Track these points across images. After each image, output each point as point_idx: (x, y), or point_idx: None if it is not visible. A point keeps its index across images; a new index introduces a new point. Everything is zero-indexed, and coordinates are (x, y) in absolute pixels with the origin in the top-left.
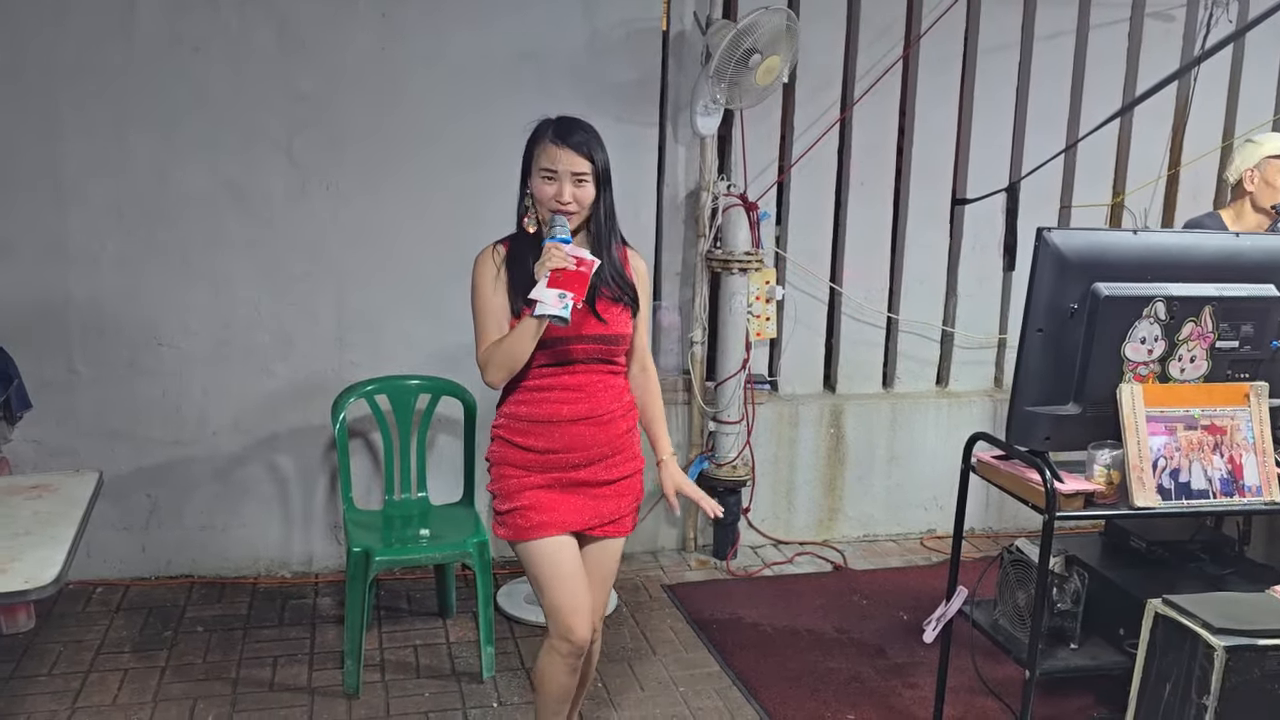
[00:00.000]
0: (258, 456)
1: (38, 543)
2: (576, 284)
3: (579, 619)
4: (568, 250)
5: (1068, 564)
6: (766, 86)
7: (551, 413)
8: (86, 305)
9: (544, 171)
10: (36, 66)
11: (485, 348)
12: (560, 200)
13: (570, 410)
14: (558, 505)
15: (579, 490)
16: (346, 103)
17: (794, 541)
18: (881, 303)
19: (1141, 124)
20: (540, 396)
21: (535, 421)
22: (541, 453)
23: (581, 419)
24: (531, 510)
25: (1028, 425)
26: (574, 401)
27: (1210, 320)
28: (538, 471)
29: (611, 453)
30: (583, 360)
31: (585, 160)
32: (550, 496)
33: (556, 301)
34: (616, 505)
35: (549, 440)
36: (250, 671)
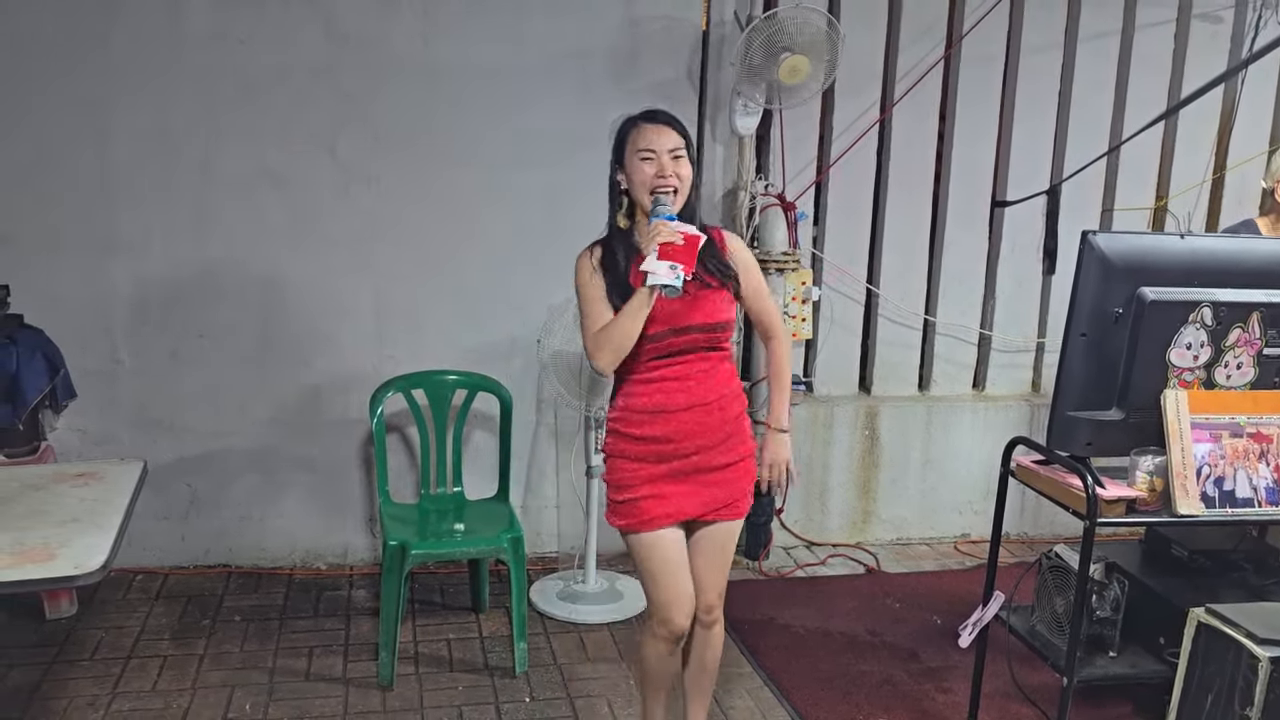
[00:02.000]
0: (296, 449)
1: (85, 529)
2: (685, 256)
3: (677, 610)
4: (674, 226)
5: (1108, 571)
6: (795, 85)
7: (663, 402)
8: (131, 296)
9: (641, 153)
10: (86, 60)
11: (593, 333)
12: (662, 175)
13: (681, 398)
14: (672, 495)
15: (693, 478)
16: (389, 100)
17: (827, 543)
18: (918, 304)
19: (1186, 127)
20: (650, 388)
21: (647, 412)
22: (656, 442)
23: (693, 406)
24: (647, 501)
25: (1069, 430)
26: (684, 390)
27: (1258, 327)
28: (652, 462)
29: (723, 438)
30: (688, 350)
31: (679, 135)
32: (665, 487)
33: (668, 273)
34: (730, 490)
35: (662, 429)
36: (286, 661)
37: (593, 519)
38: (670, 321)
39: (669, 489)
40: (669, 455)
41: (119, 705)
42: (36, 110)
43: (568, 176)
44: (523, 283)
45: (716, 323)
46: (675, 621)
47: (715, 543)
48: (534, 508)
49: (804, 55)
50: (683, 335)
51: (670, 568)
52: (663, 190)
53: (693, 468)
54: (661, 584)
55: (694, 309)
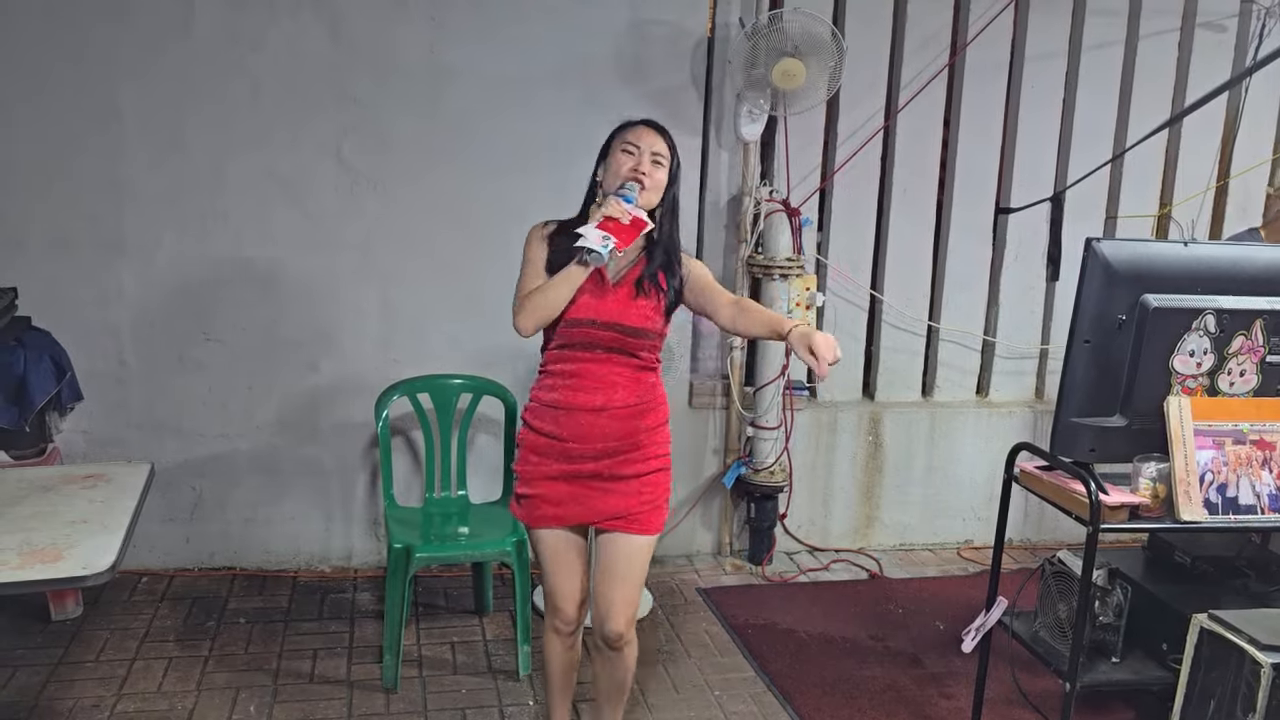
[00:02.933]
0: (301, 452)
1: (93, 530)
2: (623, 234)
3: (565, 600)
4: (627, 207)
5: (1111, 577)
6: (794, 90)
7: (566, 399)
8: (138, 299)
9: (625, 145)
10: (97, 63)
11: (522, 294)
12: (639, 169)
13: (585, 399)
14: (566, 498)
15: (589, 483)
16: (395, 105)
17: (830, 548)
18: (922, 310)
19: (1190, 135)
20: (560, 383)
21: (552, 407)
22: (555, 439)
23: (595, 409)
24: (541, 500)
25: (1072, 436)
26: (590, 390)
27: (1261, 334)
28: (552, 459)
29: (627, 448)
30: (603, 348)
31: (665, 144)
32: (559, 488)
33: (598, 239)
34: (628, 502)
35: (562, 428)
36: (291, 663)
37: None
38: (595, 313)
39: (558, 491)
40: (565, 455)
41: (124, 706)
42: (45, 114)
43: (573, 182)
44: None
45: (637, 327)
46: (563, 610)
47: (614, 557)
48: None
49: (797, 59)
50: (600, 330)
51: (557, 562)
52: (632, 179)
53: (590, 473)
54: (549, 577)
55: (623, 308)
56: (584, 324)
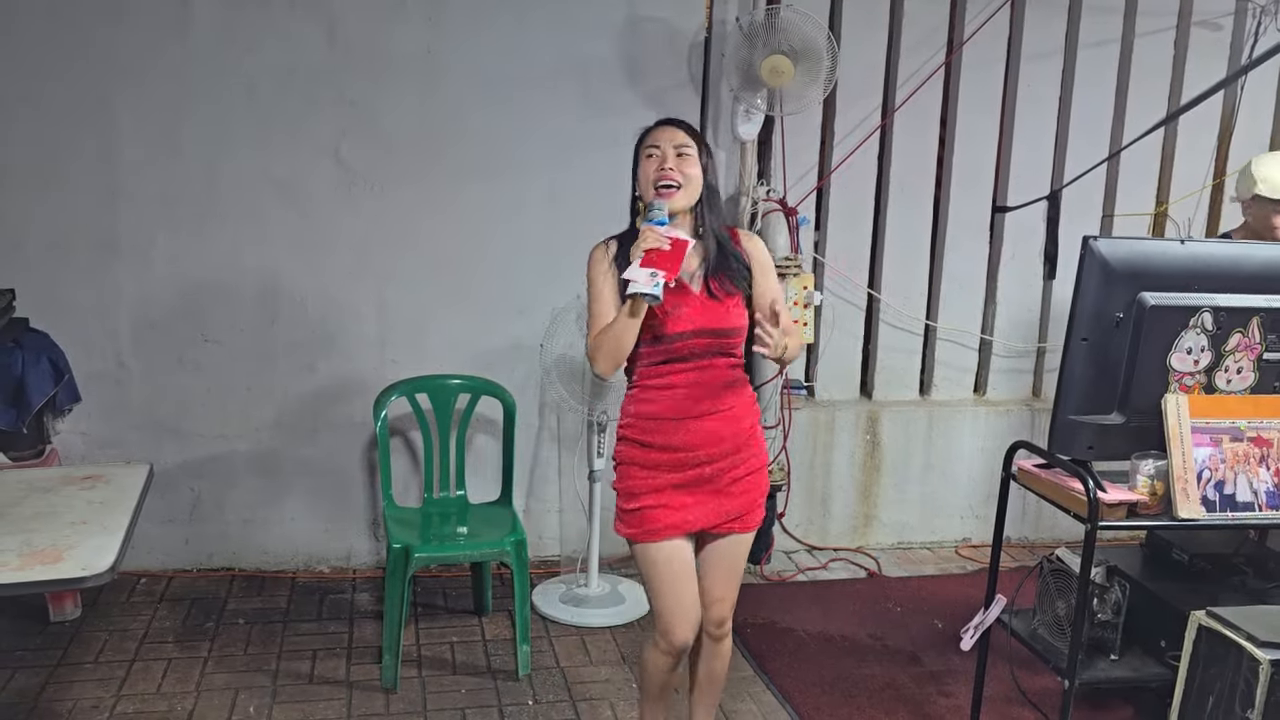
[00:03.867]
0: (300, 452)
1: (92, 531)
2: (668, 262)
3: (679, 623)
4: (661, 231)
5: (1109, 574)
6: (786, 89)
7: (675, 409)
8: (136, 300)
9: (647, 149)
10: (92, 64)
11: (593, 335)
12: (663, 169)
13: (694, 406)
14: (684, 506)
15: (704, 488)
16: (392, 106)
17: (828, 547)
18: (920, 309)
19: (1186, 133)
20: (663, 394)
21: (661, 419)
22: (667, 450)
23: (705, 414)
24: (656, 511)
25: (1070, 434)
26: (699, 397)
27: (1258, 331)
28: (664, 470)
29: (738, 448)
30: (698, 355)
31: (686, 133)
32: (675, 497)
33: (648, 280)
34: (742, 502)
35: (674, 437)
36: (290, 664)
37: (595, 522)
38: (683, 325)
39: (679, 499)
40: (680, 464)
41: (123, 708)
42: (43, 116)
43: (570, 181)
44: (526, 287)
45: (726, 328)
46: (677, 635)
47: (727, 555)
48: (536, 511)
49: (786, 56)
50: (693, 339)
51: (675, 580)
52: (664, 186)
53: (704, 478)
54: (665, 597)
55: (706, 313)
56: (680, 337)
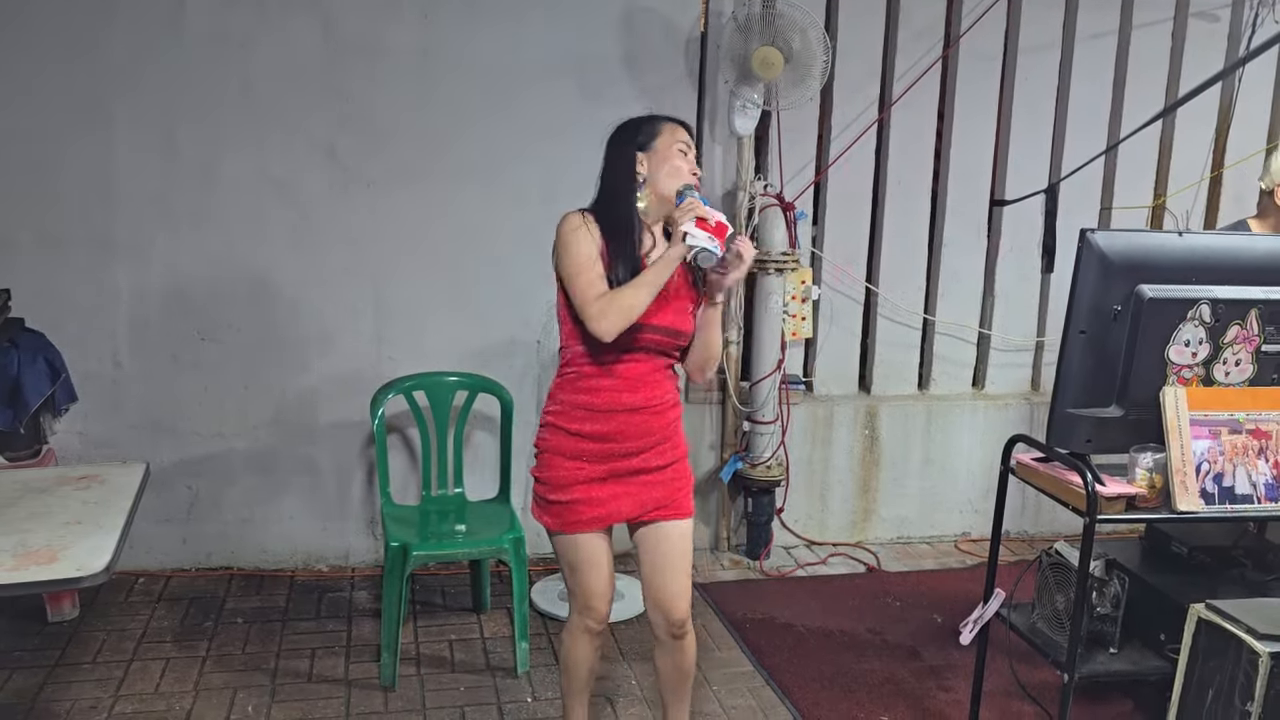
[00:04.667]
0: (297, 451)
1: (88, 531)
2: (720, 234)
3: (599, 600)
4: (704, 206)
5: (1108, 567)
6: (774, 81)
7: (611, 401)
8: (132, 299)
9: (680, 145)
10: (87, 64)
11: (598, 296)
12: (696, 173)
13: (629, 399)
14: (609, 497)
15: (629, 479)
16: (387, 103)
17: (827, 542)
18: (918, 304)
19: (1184, 125)
20: (601, 385)
21: (594, 410)
22: (596, 440)
23: (640, 408)
24: (584, 504)
25: (1069, 427)
26: (633, 390)
27: (1256, 323)
28: (591, 461)
29: (661, 440)
30: (645, 350)
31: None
32: (600, 489)
33: (709, 239)
34: (668, 490)
35: (604, 427)
36: (288, 663)
37: None
38: (651, 318)
39: (603, 491)
40: (606, 455)
41: (121, 708)
42: (36, 113)
43: (566, 178)
44: (522, 283)
45: (681, 330)
46: (597, 610)
47: (665, 544)
48: None
49: (774, 48)
50: (650, 332)
51: (596, 565)
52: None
53: (630, 469)
54: (586, 576)
55: (665, 310)
56: (641, 329)
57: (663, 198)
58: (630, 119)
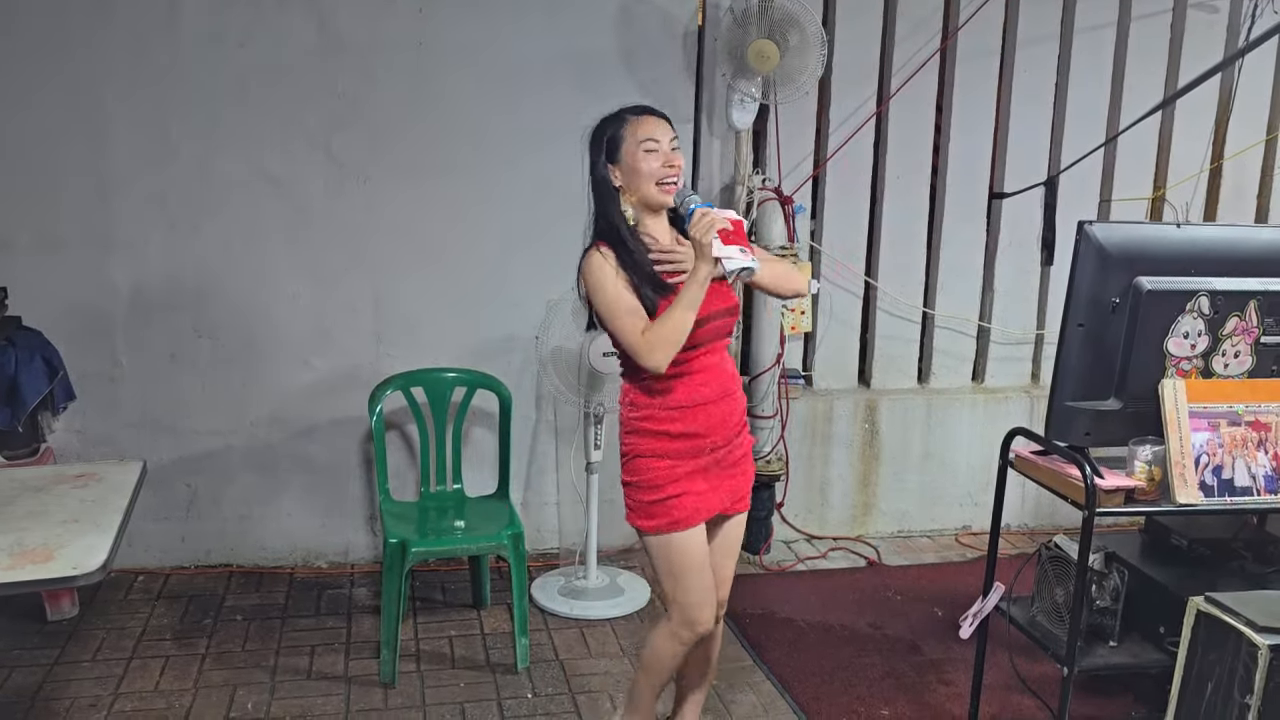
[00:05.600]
0: (295, 448)
1: (84, 530)
2: (741, 239)
3: (705, 610)
4: (717, 213)
5: (1107, 561)
6: (771, 74)
7: (696, 395)
8: (130, 297)
9: (645, 143)
10: (82, 61)
11: (643, 332)
12: (670, 165)
13: (711, 390)
14: (702, 492)
15: (716, 471)
16: (384, 99)
17: (827, 537)
18: (917, 297)
19: (1183, 117)
20: (682, 382)
21: (682, 407)
22: (688, 437)
23: (721, 397)
24: (682, 499)
25: (1067, 420)
26: (710, 382)
27: (1255, 315)
28: (684, 458)
29: (739, 427)
30: (712, 338)
31: (670, 127)
32: (696, 483)
33: (741, 255)
34: (743, 482)
35: (696, 423)
36: (288, 660)
37: (593, 515)
38: (703, 309)
39: (699, 485)
40: (697, 451)
41: (121, 705)
42: (32, 112)
43: (564, 172)
44: (520, 279)
45: (731, 306)
46: (703, 622)
47: (731, 536)
48: (534, 504)
49: (770, 41)
50: (707, 324)
51: (702, 569)
52: (670, 180)
53: (716, 461)
54: (690, 584)
55: (712, 296)
56: (704, 321)
57: (644, 197)
58: (599, 122)
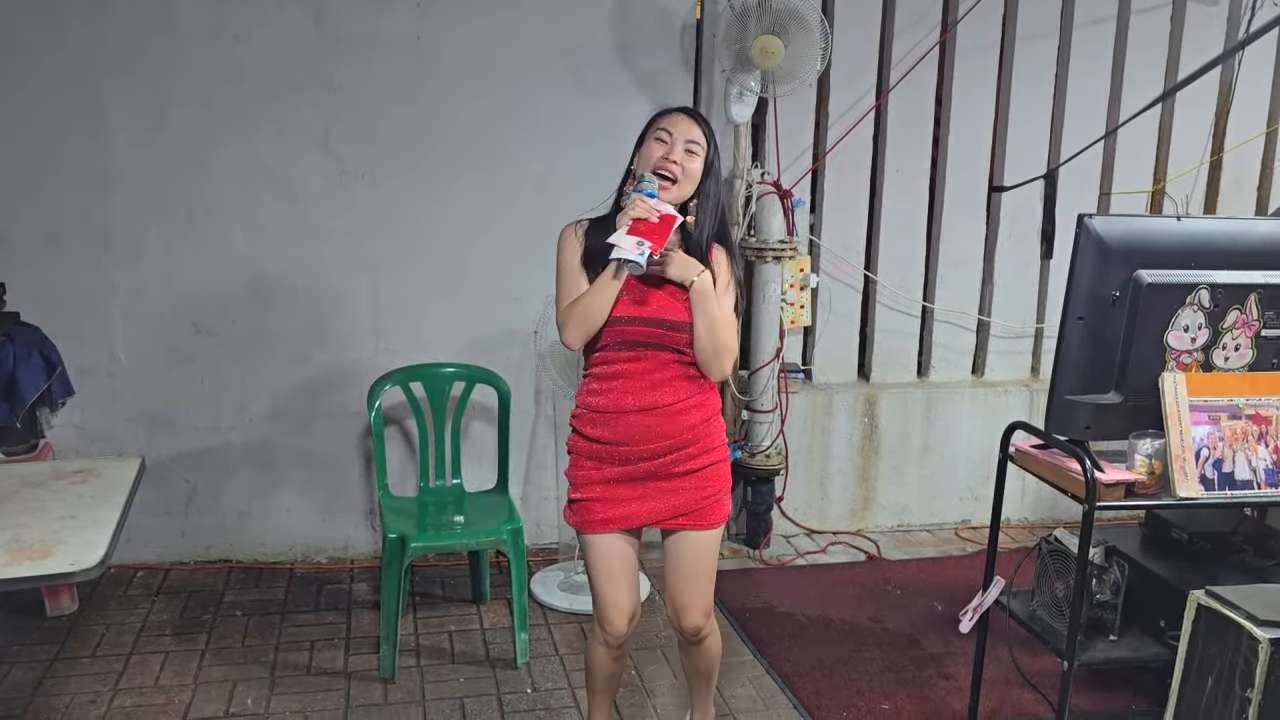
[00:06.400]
0: (294, 443)
1: (82, 525)
2: (656, 235)
3: (615, 613)
4: (652, 203)
5: (1108, 554)
6: (774, 69)
7: (614, 403)
8: (128, 293)
9: (658, 132)
10: (80, 55)
11: (564, 306)
12: (669, 158)
13: (633, 400)
14: (626, 499)
15: (649, 484)
16: (382, 93)
17: (827, 531)
18: (917, 291)
19: (1183, 110)
20: (606, 386)
21: (601, 412)
22: (608, 444)
23: (645, 409)
24: (596, 504)
25: (1067, 414)
26: (637, 392)
27: (1256, 308)
28: (606, 464)
29: (683, 444)
30: (645, 345)
31: (701, 132)
32: (618, 490)
33: (634, 248)
34: (688, 499)
35: (614, 432)
36: (288, 655)
37: None
38: (635, 310)
39: (622, 492)
40: (624, 458)
41: (121, 701)
42: (30, 108)
43: (562, 167)
44: (519, 274)
45: (676, 321)
46: (613, 623)
47: (684, 554)
48: (533, 499)
49: (775, 36)
50: (640, 326)
51: (610, 573)
52: (662, 172)
53: (648, 473)
54: (600, 586)
55: (653, 301)
56: (624, 321)
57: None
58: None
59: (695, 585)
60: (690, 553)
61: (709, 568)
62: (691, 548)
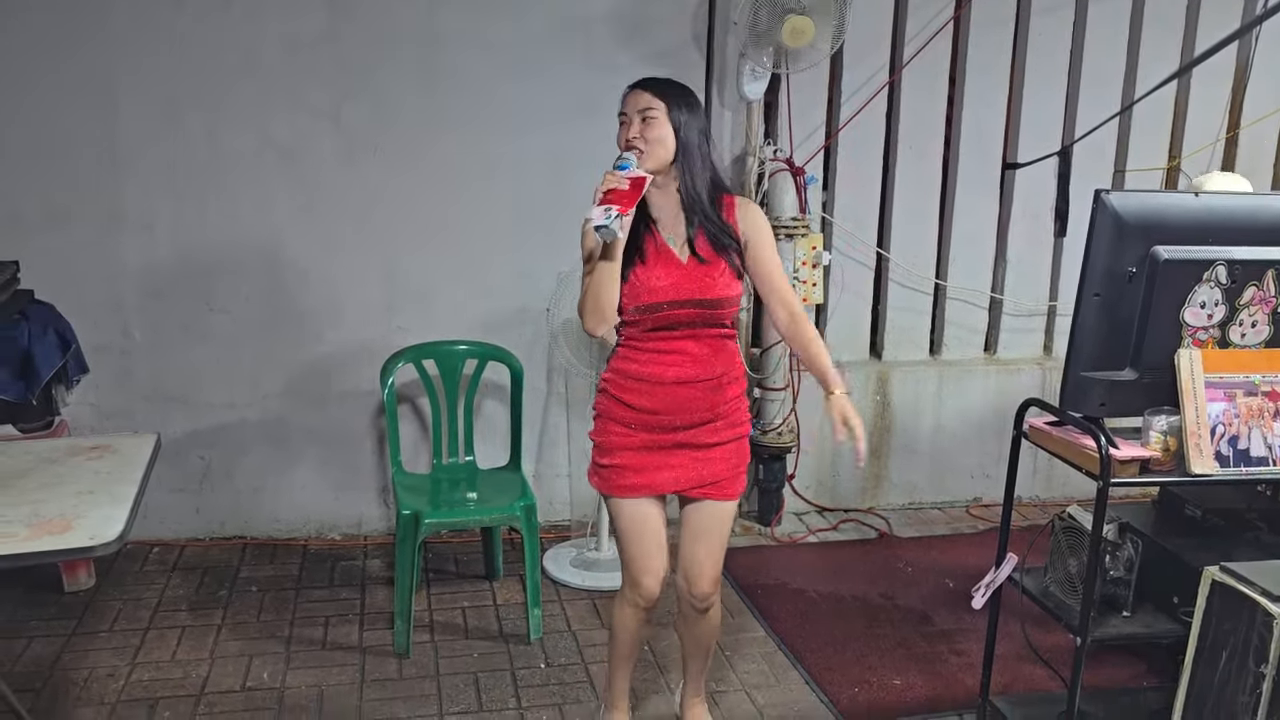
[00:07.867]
0: (308, 420)
1: (100, 501)
2: (625, 199)
3: (648, 576)
4: (622, 174)
5: (1121, 531)
6: (801, 49)
7: (653, 372)
8: (141, 271)
9: (620, 116)
10: (91, 36)
11: (580, 297)
12: (629, 137)
13: (675, 373)
14: (654, 467)
15: (678, 453)
16: (393, 71)
17: (838, 509)
18: (929, 268)
19: (1199, 86)
20: (644, 355)
21: (638, 380)
22: (643, 411)
23: (686, 381)
24: (627, 470)
25: (1082, 391)
26: (680, 365)
27: (1273, 284)
28: (640, 430)
29: (715, 417)
30: (687, 325)
31: (652, 94)
32: (647, 458)
33: (601, 215)
34: (718, 468)
35: (652, 400)
36: (302, 630)
37: None
38: (668, 295)
39: (651, 460)
40: (654, 426)
41: (138, 675)
42: (41, 87)
43: (574, 144)
44: (531, 251)
45: (716, 299)
46: (645, 585)
47: (703, 522)
48: (546, 476)
49: (807, 17)
50: (679, 310)
51: (643, 535)
52: (628, 148)
53: (678, 443)
54: (632, 547)
55: (693, 283)
56: (664, 307)
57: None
58: None
59: (710, 553)
60: (710, 520)
61: (723, 538)
62: (712, 515)
